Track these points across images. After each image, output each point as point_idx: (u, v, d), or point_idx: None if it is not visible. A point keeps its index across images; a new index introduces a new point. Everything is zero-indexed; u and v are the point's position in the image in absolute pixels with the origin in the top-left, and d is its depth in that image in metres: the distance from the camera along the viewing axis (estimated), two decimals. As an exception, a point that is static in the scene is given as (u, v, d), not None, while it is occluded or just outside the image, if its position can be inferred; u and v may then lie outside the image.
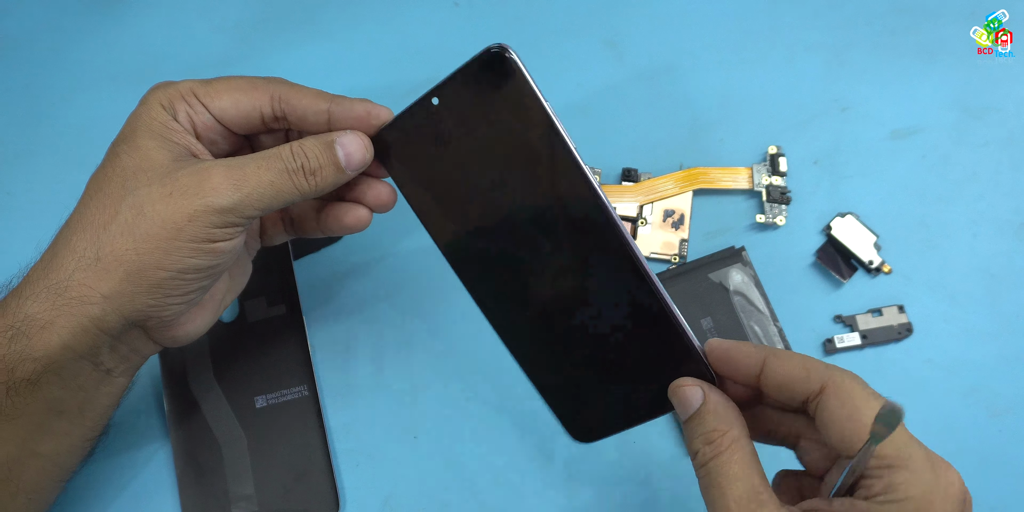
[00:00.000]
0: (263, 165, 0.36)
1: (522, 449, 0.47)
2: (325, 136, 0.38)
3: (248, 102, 0.38)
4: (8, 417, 0.35)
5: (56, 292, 0.34)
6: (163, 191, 0.35)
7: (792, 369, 0.33)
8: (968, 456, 0.47)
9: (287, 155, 0.36)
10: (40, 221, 0.50)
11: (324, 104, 0.38)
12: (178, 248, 0.35)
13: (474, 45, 0.34)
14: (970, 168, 0.52)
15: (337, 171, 0.37)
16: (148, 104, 0.37)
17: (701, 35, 0.55)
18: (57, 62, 0.54)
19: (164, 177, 0.35)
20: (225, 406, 0.46)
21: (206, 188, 0.35)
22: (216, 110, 0.38)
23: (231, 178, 0.35)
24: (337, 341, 0.49)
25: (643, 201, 0.51)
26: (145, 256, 0.35)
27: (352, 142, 0.37)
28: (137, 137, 0.36)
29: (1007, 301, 0.50)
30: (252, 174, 0.35)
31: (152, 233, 0.34)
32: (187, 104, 0.38)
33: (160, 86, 0.38)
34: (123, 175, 0.36)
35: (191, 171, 0.35)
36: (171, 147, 0.37)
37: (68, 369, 0.36)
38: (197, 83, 0.38)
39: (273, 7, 0.55)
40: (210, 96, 0.38)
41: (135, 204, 0.35)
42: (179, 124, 0.37)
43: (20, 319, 0.34)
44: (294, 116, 0.38)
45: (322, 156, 0.37)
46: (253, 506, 0.45)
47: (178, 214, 0.34)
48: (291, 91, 0.38)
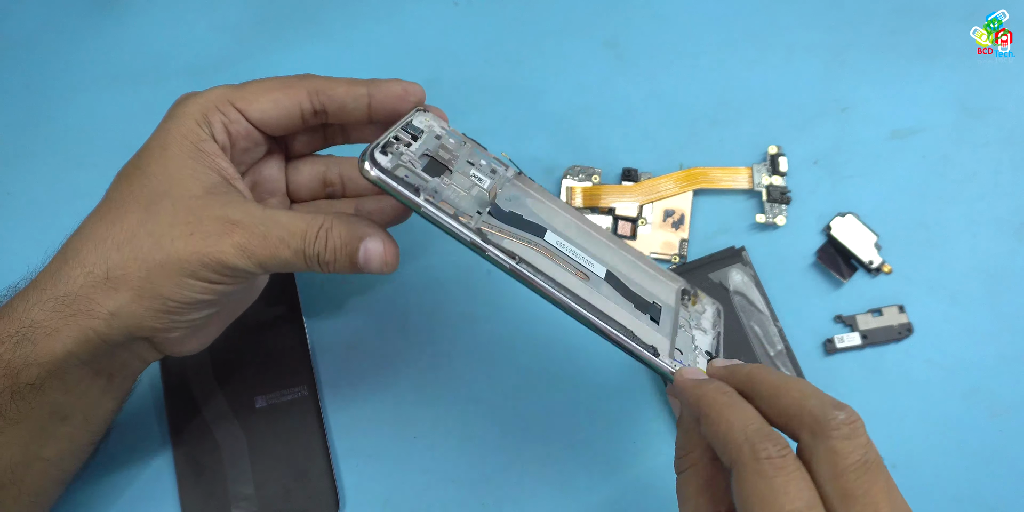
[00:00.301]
0: (284, 239, 0.35)
1: (522, 449, 0.47)
2: (356, 230, 0.37)
3: (287, 100, 0.38)
4: (12, 421, 0.35)
5: (63, 303, 0.35)
6: (185, 230, 0.35)
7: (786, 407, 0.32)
8: (968, 456, 0.47)
9: (310, 238, 0.36)
10: (40, 221, 0.51)
11: (362, 88, 0.38)
12: (188, 285, 0.35)
13: (474, 45, 0.34)
14: (970, 168, 0.52)
15: (352, 268, 0.37)
16: (180, 118, 0.37)
17: (701, 35, 0.55)
18: (57, 62, 0.54)
19: (189, 214, 0.35)
20: (225, 406, 0.46)
21: (224, 244, 0.35)
22: (256, 113, 0.38)
23: (251, 243, 0.35)
24: (337, 341, 0.49)
25: (643, 201, 0.51)
26: (154, 285, 0.35)
27: (376, 249, 0.37)
28: (168, 157, 0.36)
29: (1007, 301, 0.50)
30: (271, 246, 0.35)
31: (165, 266, 0.34)
32: (222, 113, 0.37)
33: (191, 97, 0.37)
34: (148, 197, 0.35)
35: (217, 217, 0.35)
36: (203, 174, 0.36)
37: (71, 375, 0.36)
38: (229, 89, 0.38)
39: (273, 7, 0.55)
40: (247, 100, 0.37)
41: (154, 232, 0.35)
42: (214, 143, 0.37)
43: (26, 324, 0.34)
44: (334, 106, 0.38)
45: (340, 252, 0.36)
46: (253, 506, 0.45)
47: (194, 257, 0.34)
48: (326, 83, 0.38)
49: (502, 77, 0.54)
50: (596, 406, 0.48)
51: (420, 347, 0.49)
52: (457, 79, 0.54)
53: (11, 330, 0.35)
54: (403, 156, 0.36)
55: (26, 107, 0.53)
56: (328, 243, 0.36)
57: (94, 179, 0.51)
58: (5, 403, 0.35)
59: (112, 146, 0.52)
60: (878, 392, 0.48)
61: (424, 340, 0.49)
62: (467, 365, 0.48)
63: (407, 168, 0.36)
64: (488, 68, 0.54)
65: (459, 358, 0.49)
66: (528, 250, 0.37)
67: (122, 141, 0.52)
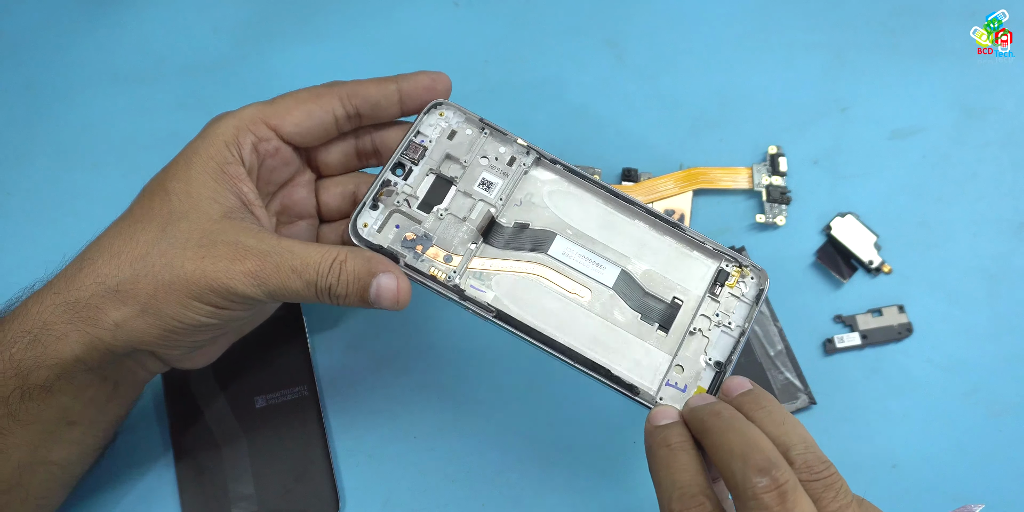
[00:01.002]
0: (297, 269, 0.35)
1: (522, 449, 0.47)
2: (371, 265, 0.36)
3: (320, 110, 0.38)
4: (22, 423, 0.36)
5: (74, 309, 0.35)
6: (198, 253, 0.35)
7: None
8: (968, 456, 0.47)
9: (323, 270, 0.36)
10: (40, 221, 0.51)
11: (392, 85, 0.39)
12: (194, 307, 0.35)
13: (474, 45, 0.34)
14: (970, 168, 0.52)
15: (363, 303, 0.37)
16: (210, 138, 0.37)
17: (701, 35, 0.55)
18: (57, 62, 0.54)
19: (204, 237, 0.35)
20: (225, 406, 0.47)
21: (235, 271, 0.35)
22: (290, 127, 0.38)
23: (263, 271, 0.35)
24: (337, 341, 0.49)
25: (643, 201, 0.51)
26: (160, 303, 0.35)
27: (389, 285, 0.36)
28: (192, 177, 0.36)
29: (1007, 301, 0.50)
30: (283, 276, 0.35)
31: (174, 287, 0.35)
32: (253, 134, 0.37)
33: (224, 117, 0.38)
34: (167, 216, 0.36)
35: (231, 243, 0.35)
36: (224, 198, 0.36)
37: (79, 379, 0.36)
38: (261, 107, 0.38)
39: (273, 7, 0.55)
40: (279, 116, 0.38)
41: (167, 252, 0.35)
42: (240, 166, 0.37)
43: (39, 326, 0.35)
44: (367, 107, 0.39)
45: (352, 286, 0.36)
46: (253, 506, 0.45)
47: (203, 280, 0.35)
48: (356, 86, 0.39)
49: (502, 77, 0.54)
50: (597, 406, 0.48)
51: (420, 347, 0.49)
52: (457, 79, 0.53)
53: (24, 331, 0.35)
54: (397, 198, 0.38)
55: (26, 107, 0.53)
56: (341, 277, 0.36)
57: (94, 179, 0.51)
58: (15, 403, 0.35)
59: (111, 146, 0.52)
60: (878, 392, 0.48)
61: (424, 340, 0.49)
62: (467, 365, 0.48)
63: (402, 213, 0.38)
64: (488, 68, 0.54)
65: (459, 358, 0.49)
66: (520, 280, 0.38)
67: (121, 141, 0.52)
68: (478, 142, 0.39)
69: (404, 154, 0.39)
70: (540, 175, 0.40)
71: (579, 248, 0.39)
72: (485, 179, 0.39)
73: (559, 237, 0.39)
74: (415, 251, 0.38)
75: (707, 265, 0.40)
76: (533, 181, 0.40)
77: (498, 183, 0.39)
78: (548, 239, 0.39)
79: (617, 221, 0.40)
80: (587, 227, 0.40)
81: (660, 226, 0.40)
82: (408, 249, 0.38)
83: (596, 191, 0.40)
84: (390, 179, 0.39)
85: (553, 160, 0.40)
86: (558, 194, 0.40)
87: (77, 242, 0.38)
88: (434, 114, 0.40)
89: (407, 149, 0.39)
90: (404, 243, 0.38)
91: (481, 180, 0.39)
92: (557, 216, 0.39)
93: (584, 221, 0.40)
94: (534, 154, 0.40)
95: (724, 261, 0.40)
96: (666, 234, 0.40)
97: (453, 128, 0.40)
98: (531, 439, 0.47)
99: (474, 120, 0.40)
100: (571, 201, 0.40)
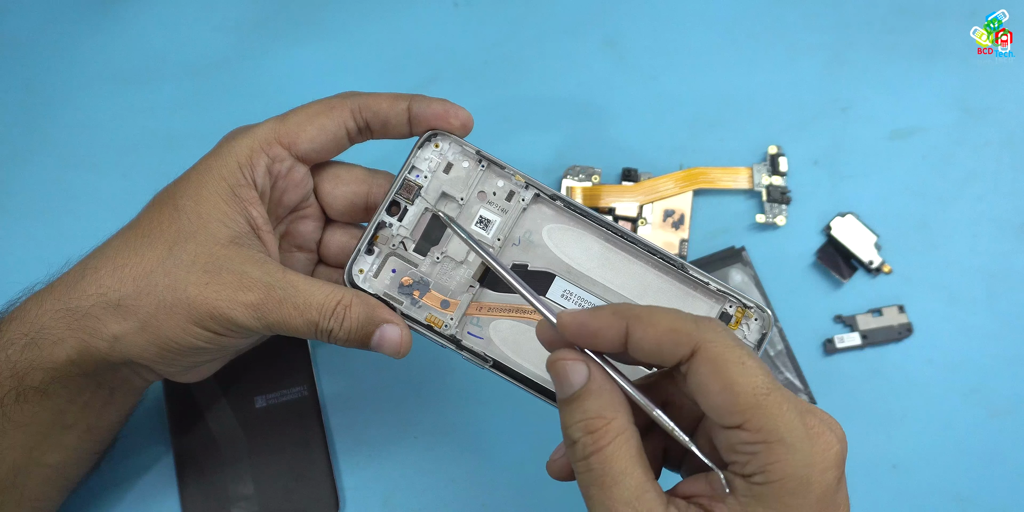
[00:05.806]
0: (300, 307, 0.35)
1: (522, 449, 0.47)
2: (375, 315, 0.36)
3: (332, 124, 0.38)
4: (16, 424, 0.36)
5: (73, 316, 0.35)
6: (203, 278, 0.35)
7: (659, 335, 0.29)
8: (968, 456, 0.47)
9: (326, 312, 0.35)
10: (40, 221, 0.51)
11: (403, 103, 0.37)
12: (192, 331, 0.35)
13: (474, 45, 0.34)
14: (970, 168, 0.52)
15: (363, 347, 0.37)
16: (224, 157, 0.37)
17: (701, 35, 0.55)
18: (57, 62, 0.54)
19: (210, 263, 0.35)
20: (225, 406, 0.47)
21: (237, 300, 0.35)
22: (304, 145, 0.37)
23: (265, 304, 0.35)
24: (337, 341, 0.49)
25: (643, 201, 0.51)
26: (160, 323, 0.35)
27: (392, 336, 0.36)
28: (203, 196, 0.36)
29: (1007, 301, 0.50)
30: (284, 312, 0.35)
31: (175, 309, 0.35)
32: (267, 156, 0.37)
33: (240, 137, 0.37)
34: (175, 235, 0.35)
35: (236, 272, 0.35)
36: (232, 221, 0.36)
37: (74, 383, 0.36)
38: (275, 124, 0.37)
39: (273, 7, 0.55)
40: (293, 133, 0.37)
41: (172, 273, 0.35)
42: (252, 189, 0.36)
43: (36, 329, 0.35)
44: (377, 122, 0.38)
45: (354, 334, 0.36)
46: (253, 506, 0.45)
47: (204, 307, 0.34)
48: (368, 99, 0.38)
49: (502, 77, 0.54)
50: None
51: (420, 347, 0.49)
52: (457, 79, 0.54)
53: (21, 333, 0.35)
54: (393, 241, 0.38)
55: (26, 107, 0.53)
56: (344, 323, 0.36)
57: (94, 179, 0.51)
58: (10, 404, 0.35)
59: (111, 146, 0.52)
60: (878, 392, 0.48)
61: (424, 340, 0.49)
62: (467, 365, 0.48)
63: (398, 256, 0.38)
64: (488, 68, 0.54)
65: (459, 358, 0.48)
66: (519, 324, 0.38)
67: (121, 141, 0.52)
68: (474, 176, 0.38)
69: (399, 193, 0.38)
70: (539, 210, 0.39)
71: (579, 290, 0.38)
72: (483, 217, 0.38)
73: (558, 278, 0.38)
74: (412, 297, 0.38)
75: (710, 306, 0.38)
76: (532, 217, 0.39)
77: (496, 220, 0.38)
78: (547, 281, 0.38)
79: (618, 260, 0.38)
80: (587, 267, 0.38)
81: (662, 265, 0.38)
82: (405, 295, 0.38)
83: (596, 228, 0.38)
84: (385, 221, 0.38)
85: (553, 196, 0.38)
86: (557, 231, 0.39)
87: (77, 242, 0.38)
88: (429, 147, 0.38)
89: (401, 188, 0.38)
90: (401, 289, 0.38)
91: (479, 218, 0.38)
92: (556, 255, 0.38)
93: (584, 260, 0.39)
94: (533, 189, 0.38)
95: (728, 302, 0.38)
96: (668, 274, 0.38)
97: (449, 160, 0.38)
98: (531, 439, 0.47)
99: (471, 152, 0.38)
100: (570, 238, 0.39)
